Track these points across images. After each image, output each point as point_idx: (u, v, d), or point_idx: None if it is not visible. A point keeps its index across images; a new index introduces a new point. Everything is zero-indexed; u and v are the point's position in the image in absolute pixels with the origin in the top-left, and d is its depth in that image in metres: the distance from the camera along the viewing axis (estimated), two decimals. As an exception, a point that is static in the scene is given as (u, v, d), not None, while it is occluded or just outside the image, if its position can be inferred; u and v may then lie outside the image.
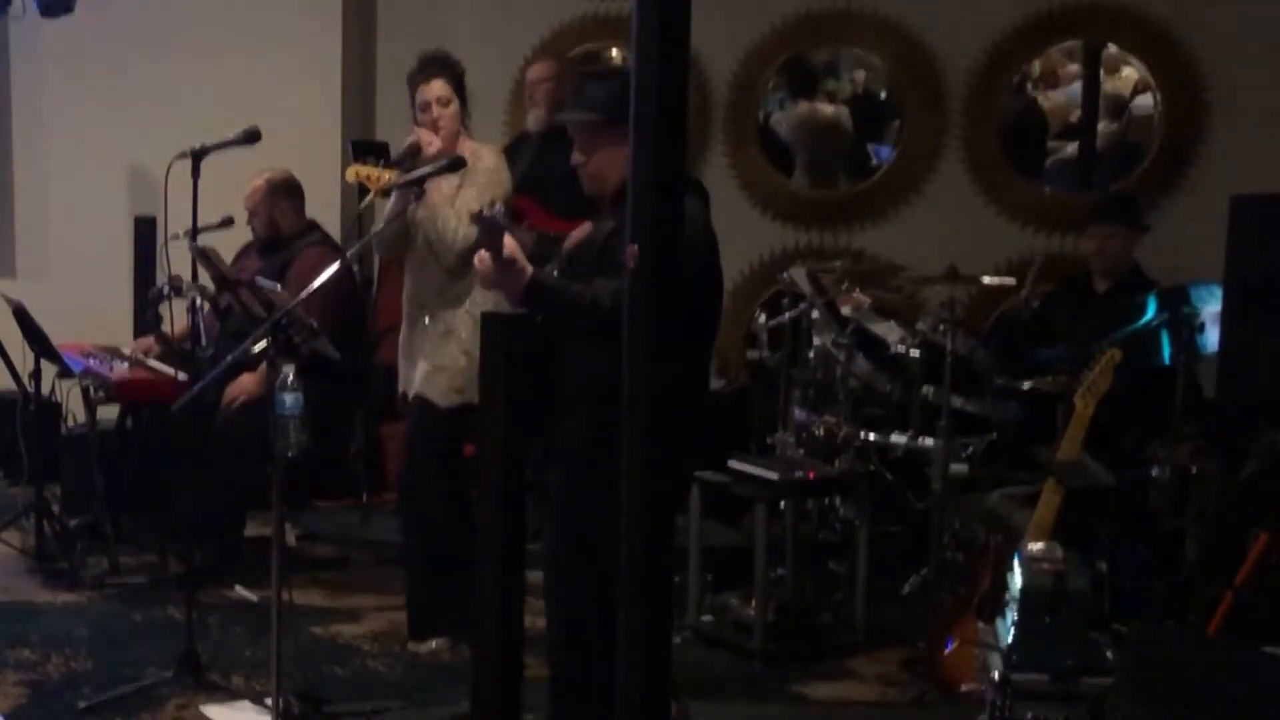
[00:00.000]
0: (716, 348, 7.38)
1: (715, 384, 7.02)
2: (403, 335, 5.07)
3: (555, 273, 3.83)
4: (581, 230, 4.15)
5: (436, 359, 4.90)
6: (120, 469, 6.05)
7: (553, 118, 5.96)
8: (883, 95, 7.80)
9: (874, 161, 7.63)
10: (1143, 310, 5.47)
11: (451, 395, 4.87)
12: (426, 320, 4.94)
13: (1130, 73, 7.43)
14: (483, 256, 3.54)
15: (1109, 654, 4.16)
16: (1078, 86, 7.66)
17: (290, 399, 4.03)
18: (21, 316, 5.87)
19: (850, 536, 5.53)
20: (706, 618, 5.28)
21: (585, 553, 3.68)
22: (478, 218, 3.52)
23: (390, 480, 7.01)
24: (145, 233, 7.05)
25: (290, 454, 4.04)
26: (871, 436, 5.67)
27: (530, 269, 3.55)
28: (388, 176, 4.94)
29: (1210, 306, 5.47)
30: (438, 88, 4.88)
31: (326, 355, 4.64)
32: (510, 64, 7.47)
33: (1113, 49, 7.23)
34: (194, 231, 4.89)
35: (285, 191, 5.99)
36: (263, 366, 5.37)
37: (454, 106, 4.90)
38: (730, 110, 7.35)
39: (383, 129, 7.68)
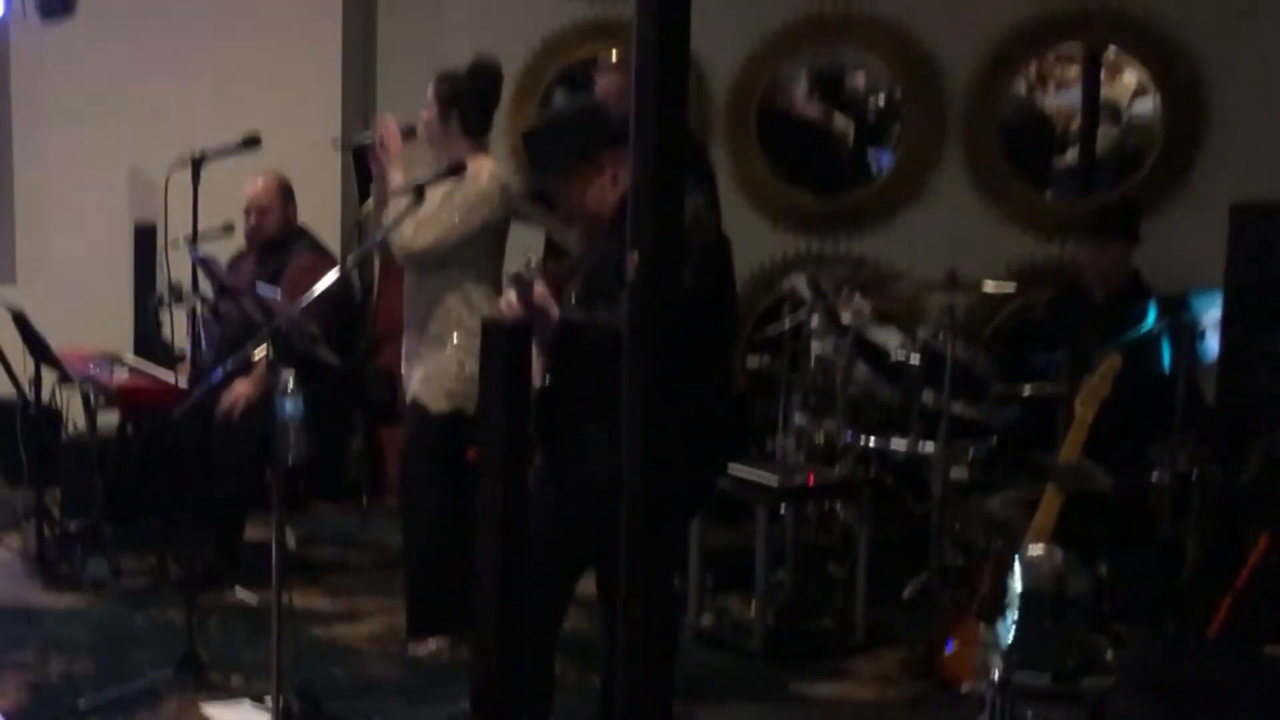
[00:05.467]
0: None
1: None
2: (404, 340, 5.10)
3: (573, 296, 3.87)
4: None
5: (429, 365, 4.92)
6: (120, 474, 6.05)
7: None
8: (883, 100, 7.81)
9: (874, 168, 7.64)
10: (1143, 317, 5.47)
11: (443, 401, 4.89)
12: (420, 325, 4.96)
13: (1130, 78, 7.43)
14: (512, 304, 3.58)
15: (1109, 655, 4.16)
16: (1073, 91, 7.67)
17: (290, 404, 4.03)
18: (21, 322, 5.87)
19: (850, 541, 5.53)
20: (707, 619, 5.29)
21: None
22: (514, 279, 3.57)
23: (390, 484, 7.01)
24: (145, 239, 7.06)
25: (290, 460, 4.05)
26: (872, 442, 5.67)
27: (557, 311, 3.59)
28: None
29: (1210, 313, 5.47)
30: (428, 90, 4.96)
31: (325, 361, 4.64)
32: (510, 66, 7.40)
33: (1112, 54, 7.23)
34: (194, 238, 4.89)
35: (290, 192, 6.03)
36: (256, 370, 5.41)
37: (430, 112, 4.93)
38: (731, 114, 7.36)
39: (382, 131, 7.68)
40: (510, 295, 3.61)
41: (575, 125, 3.88)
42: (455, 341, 4.85)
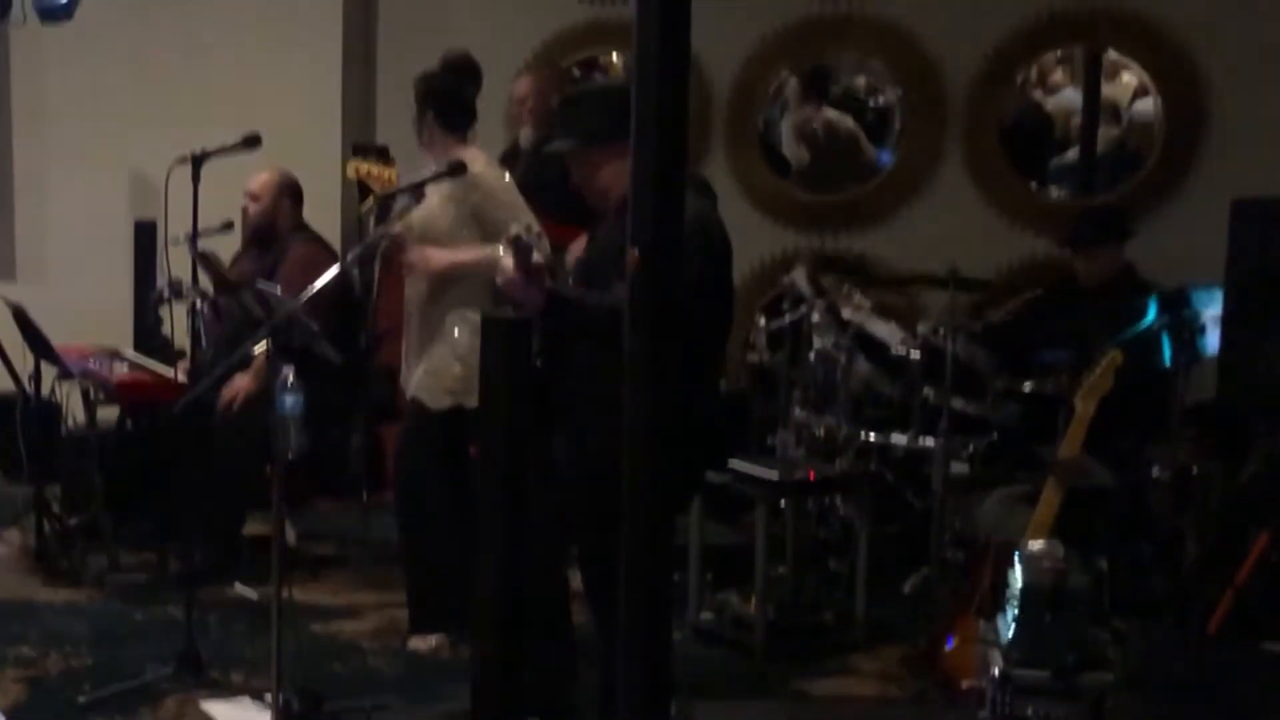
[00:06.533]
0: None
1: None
2: (404, 337, 5.11)
3: (569, 282, 3.87)
4: (579, 243, 4.21)
5: (429, 361, 4.93)
6: (120, 470, 6.05)
7: (540, 132, 6.02)
8: (883, 99, 7.82)
9: (876, 165, 7.64)
10: (1144, 313, 5.48)
11: (442, 397, 4.89)
12: (420, 321, 4.97)
13: (1130, 78, 7.44)
14: (505, 269, 3.58)
15: (1109, 652, 4.16)
16: (1074, 90, 7.68)
17: (290, 400, 4.03)
18: (21, 319, 5.87)
19: (851, 536, 5.53)
20: (707, 616, 5.29)
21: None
22: (514, 242, 3.56)
23: (390, 480, 7.01)
24: (145, 236, 7.06)
25: (290, 455, 4.05)
26: (872, 437, 5.67)
27: (548, 283, 3.59)
28: (388, 174, 5.00)
29: (1211, 309, 5.47)
30: None
31: (325, 357, 4.65)
32: (510, 67, 7.46)
33: (1112, 54, 7.23)
34: (194, 235, 4.90)
35: (291, 192, 6.01)
36: (256, 364, 5.42)
37: (414, 114, 4.96)
38: (731, 114, 7.36)
39: (383, 131, 7.69)
40: (507, 260, 3.59)
41: (610, 103, 3.86)
42: (457, 336, 4.86)
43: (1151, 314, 5.43)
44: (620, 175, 3.72)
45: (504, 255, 3.62)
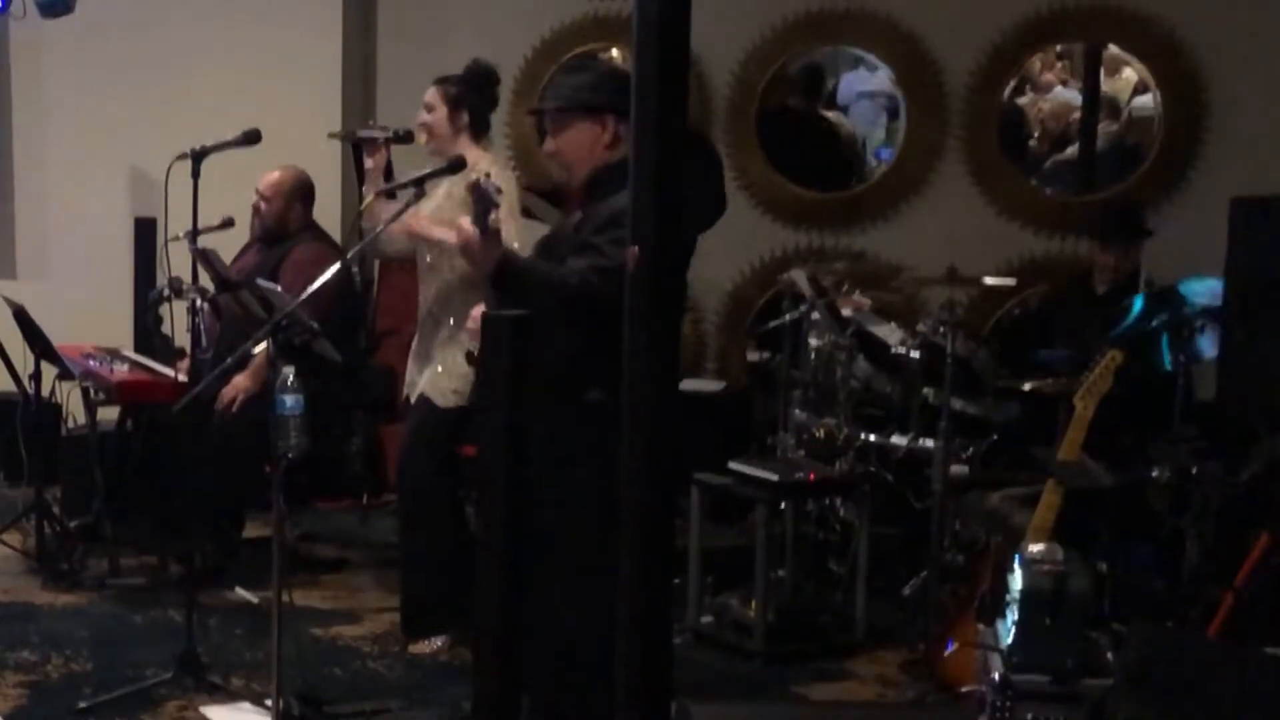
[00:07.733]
0: (718, 349, 7.39)
1: (715, 385, 7.04)
2: (414, 339, 5.12)
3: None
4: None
5: (441, 361, 4.95)
6: (120, 470, 6.05)
7: None
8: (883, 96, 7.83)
9: (874, 162, 7.64)
10: (1130, 309, 5.48)
11: (450, 396, 4.91)
12: (434, 325, 4.99)
13: (1130, 74, 7.44)
14: (464, 225, 3.58)
15: (1109, 655, 4.15)
16: (1074, 87, 7.67)
17: (291, 400, 4.03)
18: (22, 318, 5.87)
19: (850, 537, 5.53)
20: (706, 619, 5.29)
21: (566, 566, 3.72)
22: (474, 187, 3.57)
23: (390, 481, 7.01)
24: (145, 234, 7.06)
25: (290, 455, 4.04)
26: (872, 438, 5.66)
27: (504, 248, 3.62)
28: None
29: (1202, 298, 5.46)
30: (428, 94, 5.02)
31: (327, 357, 4.64)
32: (510, 64, 7.45)
33: (1112, 50, 7.23)
34: (194, 233, 4.89)
35: (302, 192, 6.01)
36: (255, 363, 5.42)
37: (438, 114, 4.99)
38: (730, 111, 7.35)
39: (382, 129, 7.68)
40: (465, 218, 3.61)
41: (595, 77, 3.87)
42: (464, 339, 4.87)
43: (1136, 308, 5.43)
44: (581, 148, 3.77)
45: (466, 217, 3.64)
